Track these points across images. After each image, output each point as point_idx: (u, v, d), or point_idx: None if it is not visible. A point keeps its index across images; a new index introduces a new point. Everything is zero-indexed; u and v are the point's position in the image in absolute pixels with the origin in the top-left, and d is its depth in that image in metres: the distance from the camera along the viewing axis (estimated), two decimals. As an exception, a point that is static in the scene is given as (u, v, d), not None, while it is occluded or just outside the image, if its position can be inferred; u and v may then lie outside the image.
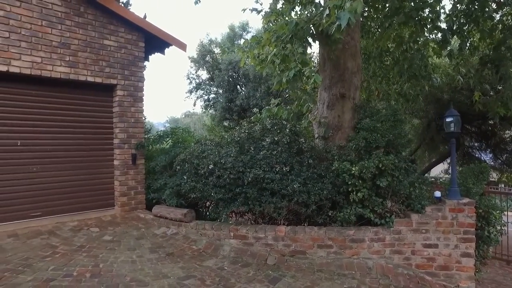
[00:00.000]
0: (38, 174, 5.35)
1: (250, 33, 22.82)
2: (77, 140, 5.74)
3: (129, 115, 6.10)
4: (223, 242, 4.73)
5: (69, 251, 4.20)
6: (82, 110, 5.80)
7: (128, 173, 6.07)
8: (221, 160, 4.85)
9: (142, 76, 6.32)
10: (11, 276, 3.46)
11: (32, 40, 5.09)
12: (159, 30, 6.32)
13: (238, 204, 4.72)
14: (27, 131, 5.25)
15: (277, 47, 4.56)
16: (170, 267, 3.94)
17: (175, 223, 5.26)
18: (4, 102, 5.06)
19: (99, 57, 5.76)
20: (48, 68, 5.22)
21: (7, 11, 4.91)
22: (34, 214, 5.27)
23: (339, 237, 4.39)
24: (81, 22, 5.56)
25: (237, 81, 19.64)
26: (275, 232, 4.49)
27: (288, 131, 4.95)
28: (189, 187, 5.08)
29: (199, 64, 22.11)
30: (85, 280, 3.46)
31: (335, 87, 5.44)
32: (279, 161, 4.71)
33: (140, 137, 6.26)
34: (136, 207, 6.14)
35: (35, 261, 3.87)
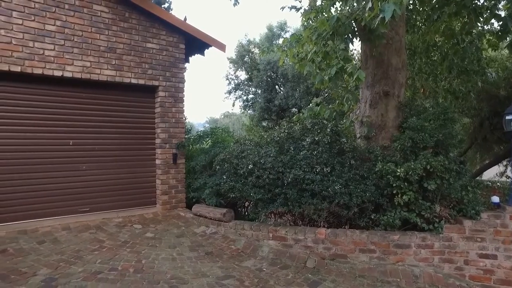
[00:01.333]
0: (87, 172, 5.67)
1: (288, 32, 22.67)
2: (122, 140, 6.01)
3: (170, 116, 6.28)
4: (262, 243, 4.69)
5: (114, 246, 4.39)
6: (126, 111, 6.06)
7: (169, 172, 6.24)
8: (260, 160, 4.82)
9: (182, 77, 6.47)
10: (65, 266, 3.70)
11: (83, 46, 5.41)
12: (199, 32, 6.43)
13: (278, 205, 4.67)
14: (77, 132, 5.58)
15: (318, 44, 4.45)
16: (209, 266, 3.98)
17: (214, 222, 5.31)
18: (58, 105, 5.42)
19: (142, 60, 5.99)
20: (96, 72, 5.52)
21: (63, 21, 5.25)
22: (83, 210, 5.60)
23: (383, 242, 4.18)
24: (126, 27, 5.82)
25: (276, 81, 19.58)
26: (315, 235, 4.37)
27: (329, 131, 4.82)
28: (228, 186, 5.10)
29: (237, 65, 22.34)
30: (129, 274, 3.59)
31: (378, 84, 5.21)
32: (319, 162, 4.59)
33: (181, 137, 6.41)
34: (176, 205, 6.30)
35: (85, 253, 4.09)
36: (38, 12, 5.07)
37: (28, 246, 4.26)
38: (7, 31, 4.86)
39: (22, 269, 3.59)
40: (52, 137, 5.37)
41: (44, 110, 5.31)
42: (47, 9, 5.14)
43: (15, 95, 5.12)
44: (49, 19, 5.14)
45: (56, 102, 5.40)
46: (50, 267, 3.65)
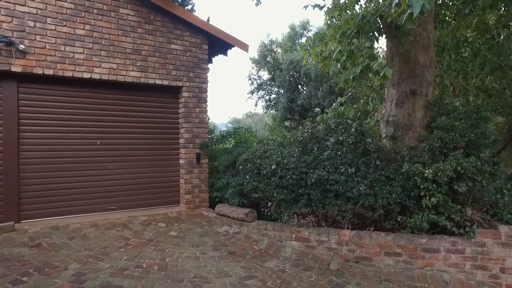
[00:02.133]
0: (114, 171, 5.85)
1: (311, 31, 22.47)
2: (147, 139, 6.16)
3: (193, 116, 6.37)
4: (285, 244, 4.66)
5: (140, 244, 4.50)
6: (151, 112, 6.20)
7: (192, 172, 6.33)
8: (283, 160, 4.79)
9: (206, 78, 6.55)
10: (94, 262, 3.83)
11: (110, 48, 5.58)
12: (222, 32, 6.48)
13: (301, 205, 4.62)
14: (105, 132, 5.77)
15: (342, 43, 4.37)
16: (232, 266, 3.99)
17: (237, 222, 5.33)
18: (87, 106, 5.63)
19: (166, 61, 6.10)
20: (122, 73, 5.68)
21: (92, 25, 5.45)
22: (110, 208, 5.78)
23: (410, 245, 4.05)
24: (150, 29, 5.95)
25: (298, 81, 19.45)
26: (339, 236, 4.30)
27: (354, 131, 4.72)
28: (251, 186, 5.11)
29: (260, 65, 22.36)
30: (153, 272, 3.66)
31: (404, 83, 5.05)
32: (343, 162, 4.51)
33: (204, 137, 6.49)
34: (200, 205, 6.38)
35: (112, 250, 4.22)
36: (69, 17, 5.28)
37: (60, 241, 4.44)
38: (42, 37, 5.10)
39: (54, 263, 3.75)
40: (82, 137, 5.59)
41: (74, 111, 5.53)
42: (77, 14, 5.34)
43: (48, 97, 5.36)
44: (79, 23, 5.35)
45: (84, 103, 5.61)
46: (79, 262, 3.79)
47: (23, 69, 4.97)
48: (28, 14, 5.01)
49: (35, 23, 5.06)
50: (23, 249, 4.14)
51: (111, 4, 5.60)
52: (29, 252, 4.04)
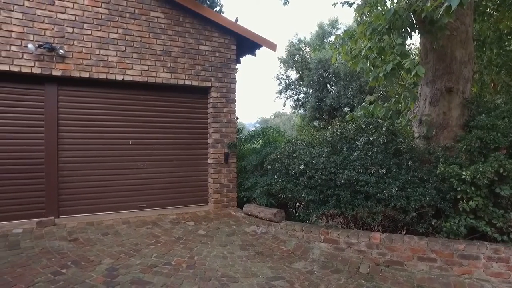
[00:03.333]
0: (145, 170, 6.03)
1: (340, 29, 22.06)
2: (176, 139, 6.30)
3: (222, 116, 6.43)
4: (313, 245, 4.60)
5: (169, 242, 4.60)
6: (181, 112, 6.34)
7: (221, 172, 6.40)
8: (312, 160, 4.73)
9: (234, 78, 6.60)
10: (125, 258, 3.97)
11: (141, 51, 5.76)
12: (250, 32, 6.50)
13: (330, 206, 4.53)
14: (136, 132, 5.97)
15: (372, 40, 4.24)
16: (259, 266, 3.98)
17: (265, 222, 5.32)
18: (119, 107, 5.85)
19: (195, 62, 6.21)
20: (153, 75, 5.85)
21: (124, 28, 5.66)
22: (141, 206, 5.97)
23: (445, 251, 3.84)
24: (180, 30, 6.08)
25: (327, 80, 19.17)
26: (369, 239, 4.17)
27: (385, 130, 4.57)
28: (280, 187, 5.08)
29: (288, 65, 22.25)
30: (182, 270, 3.73)
31: (439, 80, 4.81)
32: (374, 163, 4.37)
33: (233, 137, 6.54)
34: (228, 204, 6.43)
35: (142, 247, 4.34)
36: (104, 22, 5.51)
37: (95, 236, 4.64)
38: (79, 42, 5.36)
39: (90, 257, 3.92)
40: (115, 137, 5.81)
41: (107, 111, 5.77)
42: (111, 19, 5.56)
43: (84, 99, 5.63)
44: (112, 27, 5.57)
45: (117, 104, 5.84)
46: (112, 258, 3.94)
47: (62, 72, 5.24)
48: (67, 21, 5.28)
49: (73, 29, 5.32)
50: (62, 242, 4.36)
51: (142, 8, 5.78)
52: (67, 246, 4.25)
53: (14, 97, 5.18)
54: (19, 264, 3.67)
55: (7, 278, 3.34)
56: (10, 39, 4.97)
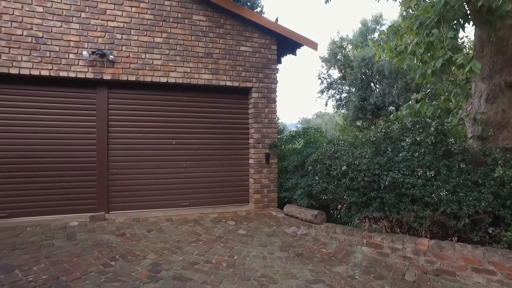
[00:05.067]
0: (187, 169, 6.21)
1: (384, 25, 21.25)
2: (218, 139, 6.41)
3: (263, 116, 6.45)
4: (355, 249, 4.45)
5: (210, 240, 4.69)
6: (222, 112, 6.45)
7: (261, 172, 6.41)
8: (355, 161, 4.58)
9: (275, 78, 6.58)
10: (168, 254, 4.11)
11: (184, 53, 5.95)
12: (291, 32, 6.46)
13: (373, 209, 4.36)
14: (179, 132, 6.17)
15: (420, 34, 4.00)
16: (299, 268, 3.93)
17: (305, 223, 5.25)
18: (163, 108, 6.09)
19: (236, 63, 6.29)
20: (195, 76, 6.01)
21: (168, 32, 5.88)
22: (184, 204, 6.16)
23: (506, 264, 3.47)
24: (221, 32, 6.19)
25: (371, 78, 18.51)
26: (416, 245, 3.94)
27: (433, 130, 4.29)
28: (321, 188, 4.98)
29: (330, 63, 21.81)
30: (222, 268, 3.78)
31: (498, 75, 4.43)
32: (421, 164, 4.12)
33: (274, 137, 6.53)
34: (268, 204, 6.43)
35: (184, 244, 4.47)
36: (149, 27, 5.77)
37: (140, 232, 4.86)
38: (127, 47, 5.65)
39: (136, 251, 4.12)
40: (159, 137, 6.05)
41: (152, 113, 6.02)
42: (156, 24, 5.80)
43: (131, 101, 5.92)
44: (157, 32, 5.81)
45: (161, 105, 6.07)
46: (156, 253, 4.10)
47: (112, 76, 5.57)
48: (117, 28, 5.61)
49: (122, 35, 5.63)
50: (111, 237, 4.63)
51: (185, 12, 5.97)
52: (115, 240, 4.50)
53: (71, 100, 5.60)
54: (75, 254, 3.96)
55: (66, 266, 3.63)
56: (68, 47, 5.38)
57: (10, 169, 5.30)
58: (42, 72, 5.25)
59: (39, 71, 5.23)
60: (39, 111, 5.45)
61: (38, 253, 3.98)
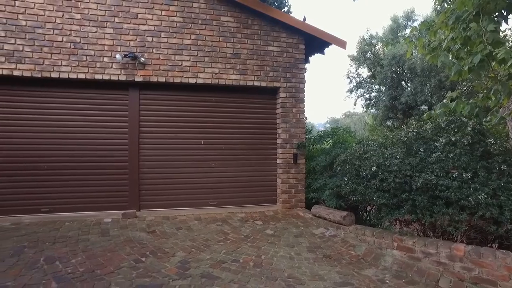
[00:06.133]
0: (215, 169, 6.29)
1: (416, 21, 20.49)
2: (246, 139, 6.45)
3: (291, 116, 6.42)
4: (385, 252, 4.32)
5: (237, 239, 4.72)
6: (250, 112, 6.48)
7: (289, 172, 6.38)
8: (385, 162, 4.45)
9: (303, 78, 6.53)
10: (196, 252, 4.18)
11: (212, 54, 6.04)
12: (319, 31, 6.38)
13: (404, 211, 4.22)
14: (207, 132, 6.26)
15: (456, 29, 3.81)
16: (327, 270, 3.87)
17: (333, 224, 5.17)
18: (192, 108, 6.20)
19: (264, 63, 6.30)
20: (223, 77, 6.08)
21: (197, 34, 5.99)
22: (212, 203, 6.24)
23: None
24: (249, 33, 6.23)
25: (402, 77, 17.92)
26: (451, 250, 3.75)
27: (470, 130, 4.09)
28: (350, 189, 4.89)
29: (359, 62, 21.33)
30: (249, 268, 3.79)
31: (544, 70, 4.12)
32: (457, 166, 3.94)
33: (302, 137, 6.48)
34: (296, 205, 6.38)
35: (212, 243, 4.53)
36: (179, 30, 5.90)
37: (169, 230, 4.98)
38: (157, 49, 5.81)
39: (165, 249, 4.23)
40: (188, 137, 6.17)
41: (181, 113, 6.15)
42: (185, 26, 5.93)
43: (160, 102, 6.08)
44: (186, 34, 5.93)
45: (190, 106, 6.19)
46: (184, 251, 4.18)
47: (143, 78, 5.75)
48: (147, 31, 5.78)
49: (152, 38, 5.80)
50: (142, 234, 4.77)
51: (213, 14, 6.05)
52: (146, 237, 4.63)
53: (104, 102, 5.83)
54: (109, 249, 4.12)
55: (100, 260, 3.80)
56: (103, 51, 5.61)
57: (50, 167, 5.60)
58: (79, 75, 5.51)
59: (76, 74, 5.50)
60: (76, 113, 5.72)
61: (75, 246, 4.18)
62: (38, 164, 5.57)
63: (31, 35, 5.36)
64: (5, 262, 3.69)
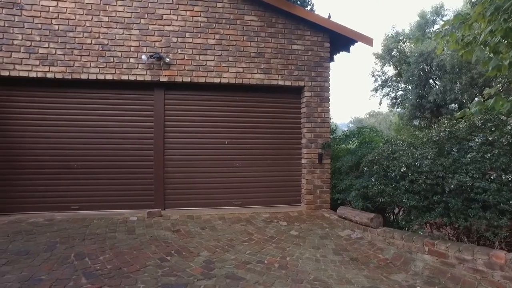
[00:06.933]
0: (239, 169, 6.27)
1: (446, 16, 19.69)
2: (270, 139, 6.39)
3: (316, 115, 6.30)
4: (415, 256, 4.14)
5: (262, 240, 4.67)
6: (274, 112, 6.42)
7: (314, 172, 6.27)
8: (415, 162, 4.27)
9: (327, 77, 6.40)
10: (221, 252, 4.16)
11: (236, 54, 6.02)
12: (344, 28, 6.23)
13: (436, 214, 4.02)
14: (232, 131, 6.26)
15: (495, 21, 3.59)
16: (354, 273, 3.75)
17: (360, 226, 5.02)
18: (216, 108, 6.22)
19: (288, 62, 6.22)
20: (247, 76, 6.05)
21: (221, 34, 5.99)
22: (236, 203, 6.22)
23: None
24: (273, 32, 6.17)
25: (430, 75, 17.33)
26: (489, 257, 3.53)
27: (510, 129, 3.85)
28: (377, 190, 4.73)
29: (384, 60, 20.84)
30: (274, 269, 3.73)
31: None
32: (495, 167, 3.71)
33: (327, 136, 6.35)
34: (321, 206, 6.26)
35: (236, 243, 4.50)
36: (203, 30, 5.92)
37: (194, 230, 5.00)
38: (182, 49, 5.86)
39: (190, 248, 4.24)
40: (212, 136, 6.19)
41: (206, 113, 6.18)
42: (209, 26, 5.94)
43: (185, 101, 6.13)
44: (210, 34, 5.94)
45: (214, 105, 6.21)
46: (209, 251, 4.17)
47: (168, 78, 5.81)
48: (172, 32, 5.84)
49: (177, 39, 5.85)
50: (167, 232, 4.81)
51: (237, 13, 6.04)
52: (171, 236, 4.67)
53: (130, 102, 5.95)
54: (135, 248, 4.18)
55: (127, 258, 3.85)
56: (129, 52, 5.72)
57: (80, 166, 5.77)
58: (107, 76, 5.64)
59: (104, 75, 5.63)
60: (103, 113, 5.87)
61: (103, 244, 4.27)
62: (69, 163, 5.75)
63: (63, 39, 5.54)
64: (40, 256, 3.83)
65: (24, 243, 4.25)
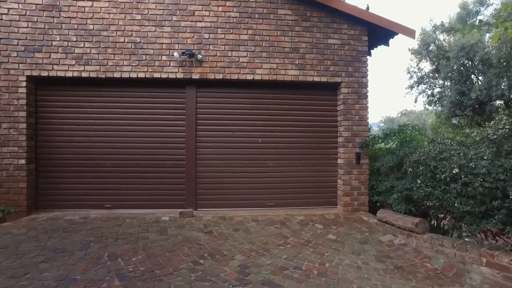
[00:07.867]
0: (273, 169, 6.05)
1: (491, 6, 18.37)
2: (305, 138, 6.12)
3: (353, 113, 5.96)
4: (470, 268, 3.73)
5: (298, 244, 4.42)
6: (309, 110, 6.14)
7: (351, 173, 5.93)
8: (469, 163, 3.87)
9: (366, 72, 6.04)
10: (256, 256, 3.97)
11: (270, 49, 5.80)
12: (384, 20, 5.84)
13: (495, 222, 3.61)
14: (265, 130, 6.04)
15: None
16: (401, 284, 3.42)
17: (403, 232, 4.65)
18: (249, 105, 6.02)
19: (324, 57, 5.92)
20: (281, 73, 5.81)
21: (254, 29, 5.80)
22: (269, 204, 6.00)
23: None
24: (307, 26, 5.89)
25: (472, 70, 16.25)
26: (562, 271, 3.11)
27: None
28: (424, 193, 4.35)
29: (421, 56, 19.81)
30: (313, 276, 3.48)
31: None
32: None
33: (365, 135, 5.99)
34: (358, 208, 5.92)
35: (271, 247, 4.28)
36: (235, 25, 5.75)
37: (227, 231, 4.83)
38: (214, 46, 5.72)
39: (223, 251, 4.07)
40: (245, 135, 6.01)
41: (238, 111, 6.01)
42: (241, 22, 5.77)
43: (217, 99, 5.99)
44: (243, 29, 5.76)
45: (247, 103, 6.02)
46: (243, 255, 3.98)
47: (200, 75, 5.69)
48: (204, 28, 5.72)
49: (209, 35, 5.72)
50: (199, 234, 4.68)
51: (270, 7, 5.82)
52: (203, 238, 4.53)
53: (162, 100, 5.89)
54: (167, 249, 4.07)
55: (159, 260, 3.75)
56: (161, 50, 5.66)
57: (113, 164, 5.78)
58: (139, 74, 5.61)
59: (136, 73, 5.60)
60: (135, 111, 5.84)
61: (135, 244, 4.20)
62: (103, 162, 5.78)
63: (97, 38, 5.57)
64: (75, 255, 3.82)
65: (60, 240, 4.28)
